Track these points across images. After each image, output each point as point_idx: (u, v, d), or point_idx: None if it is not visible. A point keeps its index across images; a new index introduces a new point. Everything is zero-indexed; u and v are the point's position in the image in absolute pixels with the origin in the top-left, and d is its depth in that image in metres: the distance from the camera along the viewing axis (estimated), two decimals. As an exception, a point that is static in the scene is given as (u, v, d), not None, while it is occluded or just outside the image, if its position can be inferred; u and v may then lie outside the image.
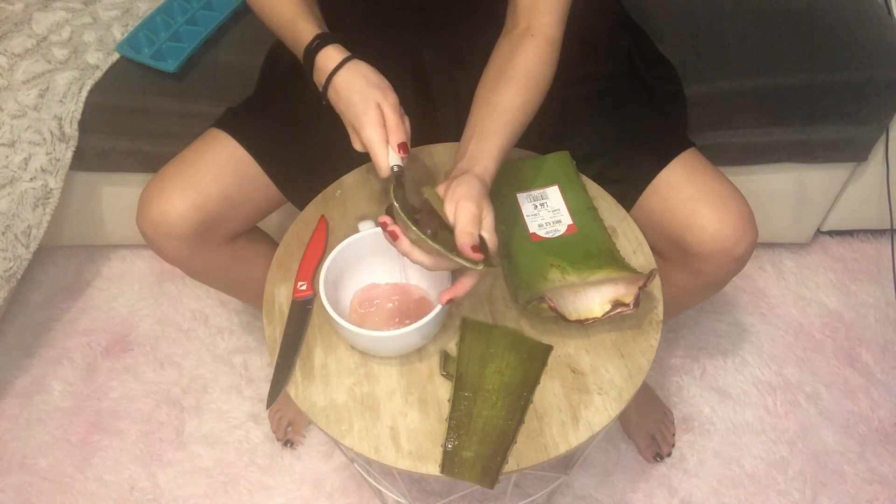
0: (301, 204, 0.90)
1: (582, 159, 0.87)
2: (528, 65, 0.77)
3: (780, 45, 1.09)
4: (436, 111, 0.94)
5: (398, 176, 0.72)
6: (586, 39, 0.91)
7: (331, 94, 0.77)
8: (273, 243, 0.99)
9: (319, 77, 0.78)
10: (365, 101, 0.74)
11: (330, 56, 0.77)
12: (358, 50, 0.80)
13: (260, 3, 0.83)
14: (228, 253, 0.91)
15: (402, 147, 0.73)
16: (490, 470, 0.65)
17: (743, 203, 0.81)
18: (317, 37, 0.78)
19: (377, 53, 0.85)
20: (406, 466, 0.67)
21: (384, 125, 0.73)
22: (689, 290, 0.88)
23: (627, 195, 0.85)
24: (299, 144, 0.91)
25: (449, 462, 0.66)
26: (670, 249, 0.84)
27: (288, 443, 1.19)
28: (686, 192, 0.81)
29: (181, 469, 1.19)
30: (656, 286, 0.77)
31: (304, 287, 0.79)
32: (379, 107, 0.74)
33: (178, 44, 1.12)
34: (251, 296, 1.00)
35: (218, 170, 0.85)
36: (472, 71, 0.83)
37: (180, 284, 1.41)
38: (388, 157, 0.73)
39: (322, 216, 0.85)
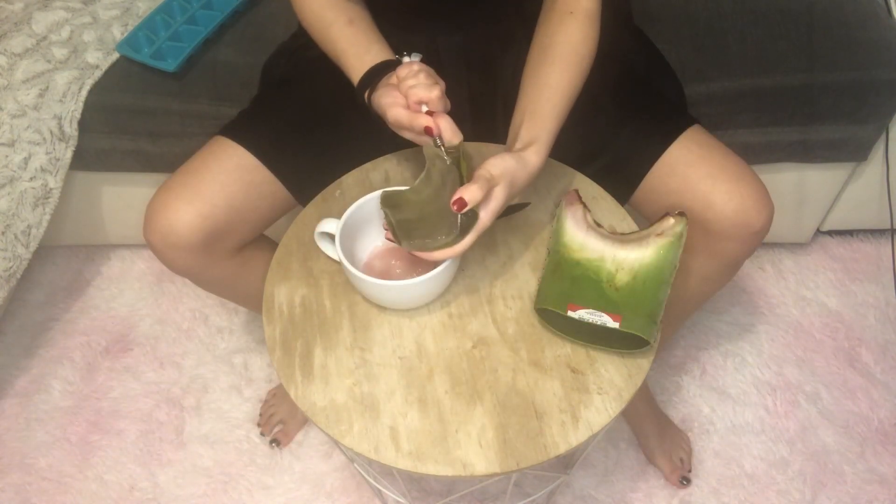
0: None
1: (587, 156, 0.88)
2: (573, 45, 0.78)
3: (780, 45, 1.09)
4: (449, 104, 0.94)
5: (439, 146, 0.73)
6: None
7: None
8: None
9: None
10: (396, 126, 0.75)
11: (364, 103, 0.80)
12: None
13: (313, 33, 0.86)
14: (237, 262, 0.91)
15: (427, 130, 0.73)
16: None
17: (756, 177, 0.83)
18: (357, 88, 0.80)
19: (390, 45, 0.85)
20: (406, 466, 0.67)
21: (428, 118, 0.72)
22: (707, 276, 0.89)
23: (636, 174, 0.86)
24: (307, 146, 0.91)
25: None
26: (688, 231, 0.84)
27: (274, 442, 1.19)
28: (704, 169, 0.82)
29: (181, 469, 1.19)
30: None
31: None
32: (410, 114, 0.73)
33: (178, 43, 1.12)
34: (260, 305, 1.00)
35: (224, 179, 0.85)
36: (488, 61, 0.83)
37: (180, 284, 1.41)
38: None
39: None
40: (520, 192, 0.73)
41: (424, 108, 0.72)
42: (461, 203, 0.67)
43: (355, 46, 0.81)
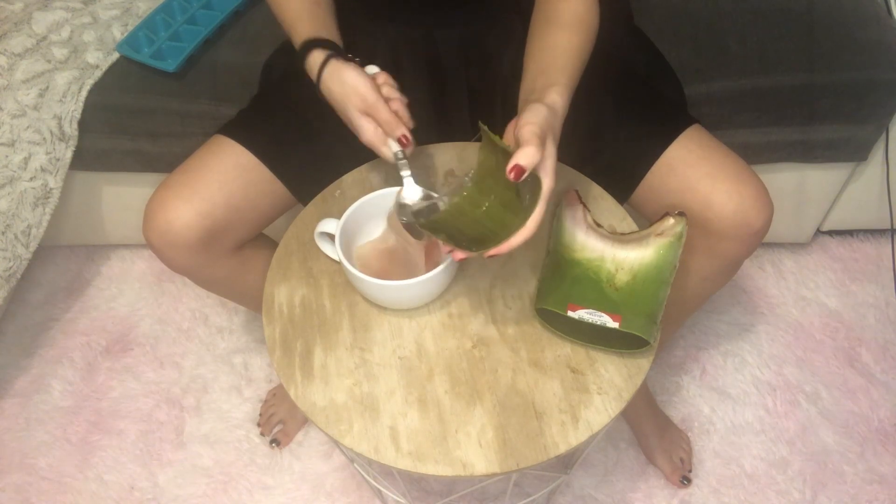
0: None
1: (587, 156, 0.88)
2: (575, 12, 0.78)
3: (780, 45, 1.09)
4: (448, 101, 0.94)
5: (400, 160, 0.75)
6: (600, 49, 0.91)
7: (324, 100, 0.79)
8: None
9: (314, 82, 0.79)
10: (347, 110, 0.76)
11: (313, 62, 0.78)
12: (367, 39, 0.80)
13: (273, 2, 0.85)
14: (236, 261, 0.91)
15: (403, 139, 0.75)
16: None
17: (756, 177, 0.83)
18: (305, 43, 0.78)
19: (389, 42, 0.84)
20: (406, 466, 0.67)
21: (376, 125, 0.75)
22: (706, 276, 0.89)
23: (636, 173, 0.86)
24: (306, 144, 0.91)
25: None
26: (688, 231, 0.84)
27: (274, 442, 1.19)
28: (703, 169, 0.82)
29: (181, 469, 1.19)
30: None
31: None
32: (364, 112, 0.75)
33: (178, 43, 1.12)
34: (259, 304, 1.00)
35: (223, 177, 0.85)
36: (486, 56, 0.83)
37: (180, 284, 1.41)
38: (390, 150, 0.75)
39: None
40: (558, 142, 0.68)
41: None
42: (518, 170, 0.61)
43: (314, 20, 0.81)
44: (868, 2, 1.14)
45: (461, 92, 0.93)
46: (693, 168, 0.83)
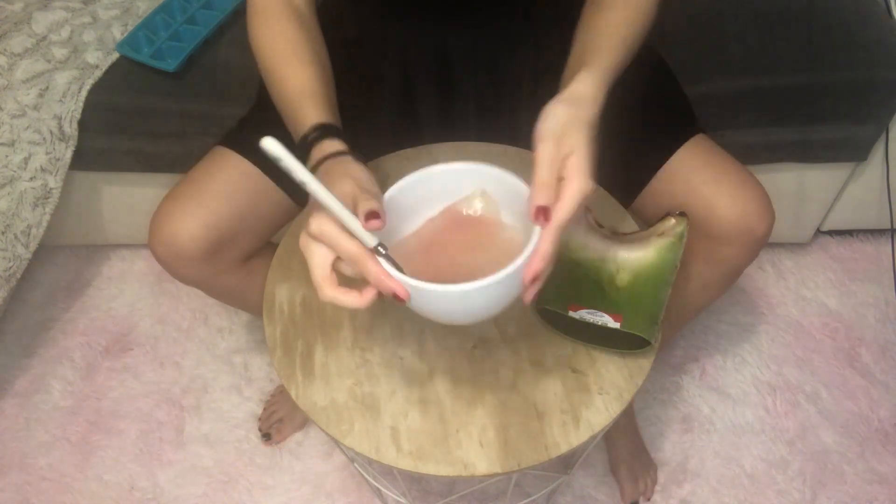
0: None
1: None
2: None
3: (780, 45, 1.09)
4: (454, 105, 0.93)
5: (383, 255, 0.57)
6: None
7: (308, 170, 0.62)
8: None
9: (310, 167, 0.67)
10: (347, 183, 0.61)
11: (323, 149, 0.67)
12: (376, 38, 0.79)
13: (269, 73, 0.76)
14: (244, 272, 0.90)
15: (372, 215, 0.56)
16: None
17: (759, 185, 0.83)
18: (315, 127, 0.68)
19: (399, 42, 0.84)
20: (407, 466, 0.67)
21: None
22: (706, 283, 0.89)
23: (639, 180, 0.86)
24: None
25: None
26: (690, 236, 0.84)
27: (266, 436, 1.20)
28: (707, 174, 0.82)
29: (181, 469, 1.19)
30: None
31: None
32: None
33: (178, 43, 1.11)
34: None
35: (228, 188, 0.85)
36: (494, 61, 0.82)
37: (180, 284, 1.40)
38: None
39: None
40: (593, 125, 0.60)
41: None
42: (541, 212, 0.54)
43: (329, 107, 0.71)
44: (868, 2, 1.14)
45: (469, 96, 0.93)
46: (696, 173, 0.83)
